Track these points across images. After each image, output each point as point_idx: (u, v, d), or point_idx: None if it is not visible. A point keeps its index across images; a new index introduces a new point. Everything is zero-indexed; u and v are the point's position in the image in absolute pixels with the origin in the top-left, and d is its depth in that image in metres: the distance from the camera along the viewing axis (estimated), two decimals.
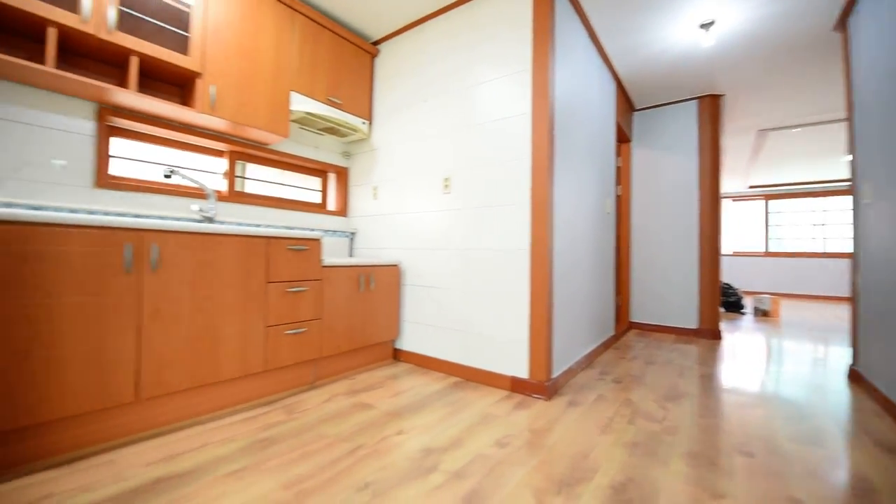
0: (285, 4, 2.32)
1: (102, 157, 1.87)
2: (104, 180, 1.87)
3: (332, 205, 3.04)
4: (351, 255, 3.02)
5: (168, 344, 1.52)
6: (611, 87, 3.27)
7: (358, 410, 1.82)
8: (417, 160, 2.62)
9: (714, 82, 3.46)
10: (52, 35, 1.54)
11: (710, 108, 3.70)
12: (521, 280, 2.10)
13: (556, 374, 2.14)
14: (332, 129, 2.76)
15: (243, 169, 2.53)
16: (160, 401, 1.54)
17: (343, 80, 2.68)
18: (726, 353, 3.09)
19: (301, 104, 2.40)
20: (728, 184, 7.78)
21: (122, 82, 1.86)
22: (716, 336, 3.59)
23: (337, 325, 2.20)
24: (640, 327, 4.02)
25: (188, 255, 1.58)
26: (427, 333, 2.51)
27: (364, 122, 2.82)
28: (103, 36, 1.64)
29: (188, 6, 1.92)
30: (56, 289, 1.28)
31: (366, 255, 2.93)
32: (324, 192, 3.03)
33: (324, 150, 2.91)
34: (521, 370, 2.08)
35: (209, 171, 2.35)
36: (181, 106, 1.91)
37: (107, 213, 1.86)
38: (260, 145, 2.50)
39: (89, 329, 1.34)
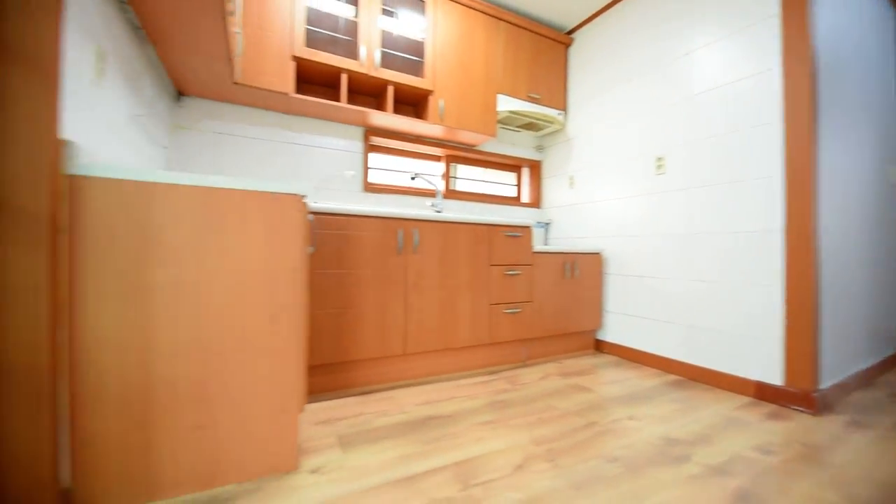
0: (491, 15, 2.55)
1: (366, 168, 2.43)
2: (368, 186, 2.42)
3: (525, 197, 3.18)
4: (546, 245, 3.09)
5: (423, 311, 1.87)
6: (889, 16, 2.44)
7: (576, 391, 1.85)
8: (621, 144, 2.50)
9: None
10: (344, 79, 2.08)
11: None
12: (769, 267, 1.77)
13: (823, 385, 1.72)
14: (530, 125, 2.89)
15: (455, 170, 2.89)
16: (418, 357, 1.91)
17: (540, 74, 2.77)
18: None
19: (506, 104, 2.59)
20: None
21: (378, 107, 2.37)
22: None
23: (545, 309, 2.29)
24: None
25: (436, 240, 1.91)
26: (635, 325, 2.36)
27: (560, 113, 2.85)
28: (373, 73, 2.13)
29: (423, 38, 2.31)
30: (357, 262, 1.73)
31: (561, 245, 2.95)
32: (518, 185, 3.20)
33: (519, 145, 3.07)
34: (772, 375, 1.75)
35: (431, 173, 2.77)
36: (417, 120, 2.32)
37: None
38: (468, 147, 2.81)
39: (376, 295, 1.76)
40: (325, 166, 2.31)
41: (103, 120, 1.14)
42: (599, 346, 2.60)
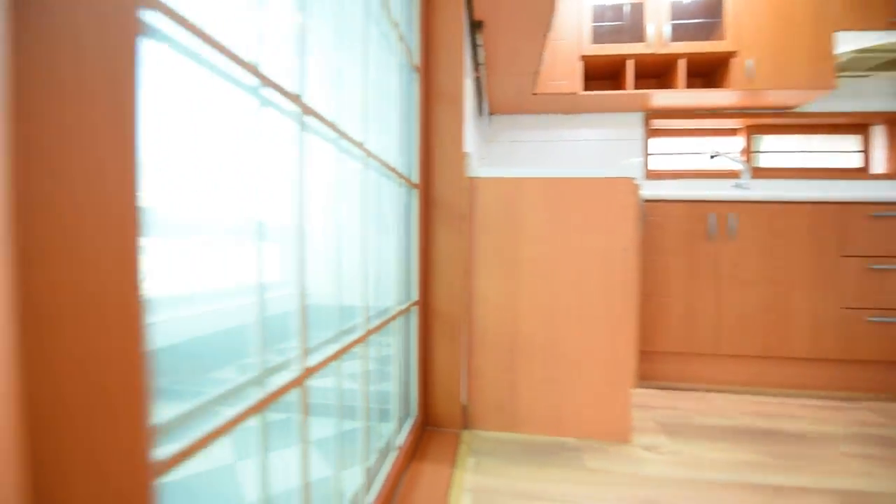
0: None
1: (646, 155, 2.31)
2: (649, 173, 2.29)
3: (879, 166, 2.28)
4: None
5: (741, 308, 1.62)
6: None
7: None
8: None
9: None
10: (630, 65, 2.05)
11: None
12: None
13: None
14: (892, 62, 2.05)
15: (758, 143, 2.37)
16: (732, 360, 1.67)
17: None
18: None
19: (849, 43, 1.94)
20: None
21: (662, 86, 2.20)
22: None
23: None
24: None
25: (757, 225, 1.62)
26: None
27: None
28: (661, 51, 2.00)
29: None
30: (661, 249, 1.65)
31: None
32: (865, 151, 2.33)
33: (866, 95, 2.23)
34: None
35: (728, 150, 2.37)
36: (712, 90, 2.03)
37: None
38: (782, 111, 2.25)
39: (683, 284, 1.64)
40: (605, 158, 2.33)
41: (469, 138, 1.51)
42: None
